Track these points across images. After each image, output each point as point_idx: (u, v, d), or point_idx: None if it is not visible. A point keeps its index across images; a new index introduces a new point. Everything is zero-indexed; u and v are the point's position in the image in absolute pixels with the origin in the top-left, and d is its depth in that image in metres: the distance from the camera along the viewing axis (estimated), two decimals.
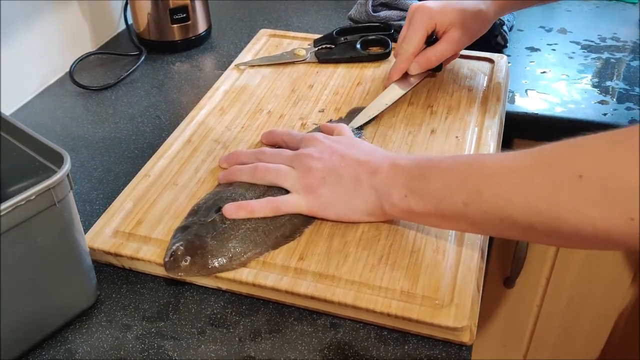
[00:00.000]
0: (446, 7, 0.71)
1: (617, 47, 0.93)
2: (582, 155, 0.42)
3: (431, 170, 0.51)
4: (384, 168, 0.54)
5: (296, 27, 1.02)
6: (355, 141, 0.60)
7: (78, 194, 0.68)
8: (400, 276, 0.52)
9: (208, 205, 0.57)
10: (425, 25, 0.71)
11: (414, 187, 0.51)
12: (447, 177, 0.50)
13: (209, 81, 0.87)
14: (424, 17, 0.71)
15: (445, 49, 0.72)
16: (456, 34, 0.71)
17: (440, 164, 0.51)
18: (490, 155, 0.51)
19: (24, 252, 0.46)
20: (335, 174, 0.56)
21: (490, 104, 0.73)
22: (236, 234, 0.54)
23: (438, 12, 0.70)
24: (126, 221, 0.59)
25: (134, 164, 0.72)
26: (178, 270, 0.52)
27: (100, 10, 0.97)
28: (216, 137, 0.70)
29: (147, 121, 0.80)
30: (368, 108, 0.70)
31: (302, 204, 0.57)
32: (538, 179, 0.44)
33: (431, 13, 0.70)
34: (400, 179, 0.52)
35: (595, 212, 0.41)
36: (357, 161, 0.56)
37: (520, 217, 0.45)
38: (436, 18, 0.71)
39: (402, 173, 0.53)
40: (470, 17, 0.71)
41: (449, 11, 0.71)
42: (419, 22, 0.71)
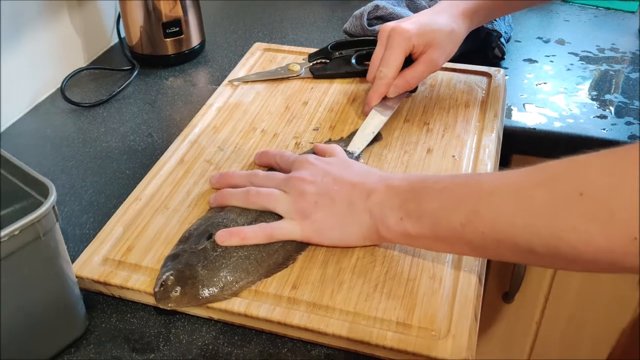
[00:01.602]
0: (422, 28, 0.70)
1: (616, 59, 0.92)
2: (583, 172, 0.41)
3: (426, 191, 0.50)
4: (379, 190, 0.53)
5: (291, 39, 1.01)
6: (348, 162, 0.59)
7: (68, 217, 0.66)
8: (396, 306, 0.51)
9: (199, 231, 0.56)
10: (403, 48, 0.70)
11: (410, 209, 0.50)
12: (443, 197, 0.49)
13: (202, 97, 0.85)
14: (402, 39, 0.69)
15: (424, 71, 0.72)
16: (434, 55, 0.71)
17: (435, 184, 0.50)
18: (487, 175, 0.50)
19: (9, 285, 0.44)
20: (328, 198, 0.55)
21: (487, 121, 0.72)
22: (228, 263, 0.53)
23: (415, 34, 0.69)
24: (116, 248, 0.57)
25: (125, 185, 0.70)
26: (168, 301, 0.51)
27: (92, 24, 0.96)
28: (209, 157, 0.68)
29: (139, 139, 0.78)
30: (354, 142, 0.68)
31: (296, 229, 0.55)
32: (537, 198, 0.43)
33: (409, 35, 0.69)
34: (395, 201, 0.51)
35: (596, 231, 0.39)
36: (351, 184, 0.55)
37: (520, 237, 0.44)
38: (414, 40, 0.69)
39: (397, 195, 0.52)
40: (445, 38, 0.71)
41: (425, 32, 0.70)
42: (397, 45, 0.70)
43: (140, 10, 0.90)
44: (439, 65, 0.72)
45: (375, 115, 0.71)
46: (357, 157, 0.66)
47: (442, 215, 0.48)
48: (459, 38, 0.73)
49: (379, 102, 0.72)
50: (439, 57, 0.71)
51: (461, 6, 0.73)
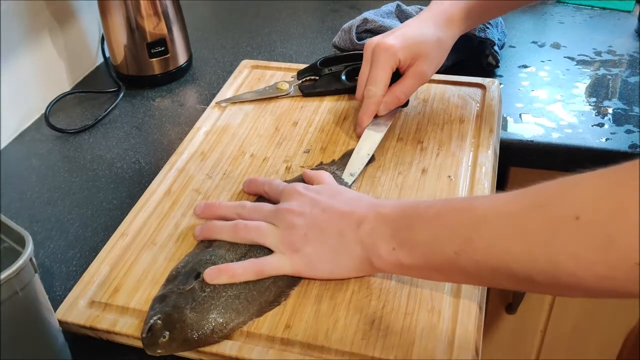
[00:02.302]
0: (407, 41, 0.68)
1: (614, 62, 0.89)
2: (579, 195, 0.39)
3: (418, 218, 0.48)
4: (369, 219, 0.51)
5: (280, 52, 0.98)
6: (337, 190, 0.57)
7: (54, 254, 0.64)
8: (394, 344, 0.49)
9: (186, 270, 0.54)
10: (390, 64, 0.68)
11: (402, 238, 0.48)
12: (435, 225, 0.47)
13: (190, 118, 0.83)
14: (388, 55, 0.67)
15: (412, 84, 0.70)
16: (422, 67, 0.69)
17: (427, 211, 0.48)
18: (481, 199, 0.47)
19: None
20: (317, 230, 0.53)
21: (483, 137, 0.69)
22: (217, 304, 0.51)
23: (400, 48, 0.67)
24: (102, 289, 0.55)
25: (112, 216, 0.68)
26: (157, 347, 0.49)
27: (75, 46, 0.94)
28: (197, 186, 0.66)
29: (126, 167, 0.76)
30: (349, 165, 0.66)
31: (286, 264, 0.53)
32: (532, 223, 0.40)
33: (394, 50, 0.67)
34: (387, 230, 0.49)
35: (595, 258, 0.37)
36: (340, 213, 0.53)
37: (516, 265, 0.41)
38: (399, 54, 0.67)
39: (388, 223, 0.49)
40: (432, 48, 0.69)
41: (411, 45, 0.68)
42: (383, 61, 0.67)
43: (124, 30, 0.87)
44: (428, 77, 0.70)
45: (368, 136, 0.69)
46: (350, 184, 0.64)
47: (435, 245, 0.46)
48: (447, 47, 0.71)
49: (370, 121, 0.70)
50: (427, 69, 0.69)
51: (447, 13, 0.70)
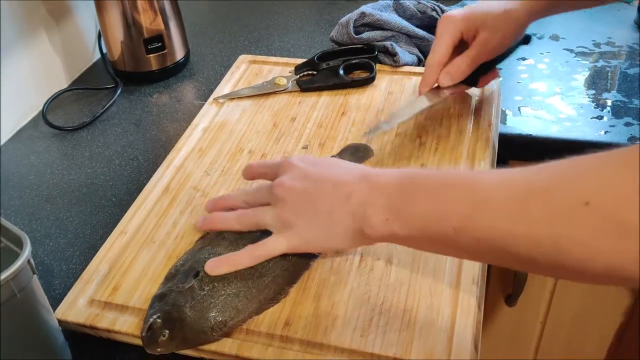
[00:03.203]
0: (471, 11, 0.68)
1: (613, 54, 0.89)
2: (588, 179, 0.37)
3: (416, 190, 0.46)
4: (361, 189, 0.48)
5: (278, 46, 0.98)
6: (333, 161, 0.55)
7: (53, 252, 0.65)
8: (393, 341, 0.49)
9: (185, 269, 0.54)
10: (450, 34, 0.67)
11: (397, 209, 0.46)
12: (435, 199, 0.45)
13: (188, 113, 0.83)
14: (448, 25, 0.67)
15: (475, 54, 0.68)
16: (484, 37, 0.67)
17: (427, 182, 0.46)
18: (483, 175, 0.46)
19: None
20: (309, 203, 0.51)
21: (481, 132, 0.69)
22: (216, 302, 0.51)
23: (462, 19, 0.67)
24: (102, 288, 0.55)
25: (111, 214, 0.68)
26: (157, 346, 0.49)
27: (72, 42, 0.93)
28: (195, 183, 0.66)
29: (124, 163, 0.76)
30: (394, 115, 0.69)
31: (282, 242, 0.52)
32: (537, 207, 0.39)
33: (454, 20, 0.67)
34: (380, 200, 0.47)
35: (606, 246, 0.36)
36: (331, 184, 0.50)
37: (518, 247, 0.40)
38: (460, 25, 0.67)
39: (382, 194, 0.47)
40: (497, 18, 0.67)
41: (473, 15, 0.67)
42: (444, 31, 0.68)
43: (120, 26, 0.87)
44: (493, 49, 0.68)
45: (422, 100, 0.70)
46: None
47: (432, 219, 0.44)
48: (516, 19, 0.68)
49: (428, 90, 0.70)
50: (490, 38, 0.67)
51: None
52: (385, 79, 0.80)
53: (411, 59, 0.82)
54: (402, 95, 0.77)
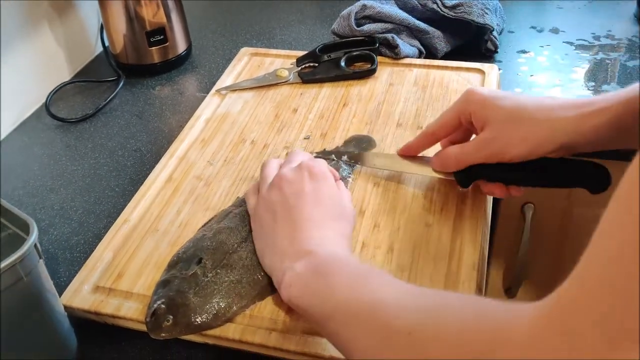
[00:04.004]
0: (492, 98, 0.55)
1: (612, 46, 0.89)
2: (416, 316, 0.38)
3: (319, 277, 0.46)
4: (299, 253, 0.49)
5: (279, 39, 0.99)
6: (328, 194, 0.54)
7: (58, 240, 0.65)
8: None
9: (188, 256, 0.54)
10: (459, 110, 0.57)
11: (300, 283, 0.47)
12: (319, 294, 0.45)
13: (190, 106, 0.84)
14: (462, 99, 0.57)
15: (470, 152, 0.56)
16: (484, 136, 0.54)
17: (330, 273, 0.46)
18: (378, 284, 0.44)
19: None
20: (271, 219, 0.53)
21: None
22: (220, 288, 0.51)
23: (477, 102, 0.55)
24: (106, 275, 0.56)
25: (115, 204, 0.69)
26: (161, 331, 0.50)
27: (74, 35, 0.94)
28: (198, 173, 0.67)
29: (127, 154, 0.77)
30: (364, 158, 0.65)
31: None
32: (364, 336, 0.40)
33: (469, 99, 0.56)
34: (302, 266, 0.48)
35: None
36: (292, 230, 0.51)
37: None
38: (473, 107, 0.55)
39: (311, 261, 0.48)
40: (506, 120, 0.53)
41: (489, 104, 0.54)
42: (456, 104, 0.58)
43: (123, 19, 0.87)
44: (491, 152, 0.54)
45: (400, 163, 0.63)
46: (346, 167, 0.65)
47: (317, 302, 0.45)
48: (532, 127, 0.52)
49: (406, 154, 0.62)
50: (491, 140, 0.54)
51: (583, 101, 0.52)
52: (387, 71, 0.80)
53: (412, 51, 0.83)
54: (403, 87, 0.77)
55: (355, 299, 0.42)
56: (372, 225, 0.59)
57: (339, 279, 0.45)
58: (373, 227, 0.58)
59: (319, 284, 0.46)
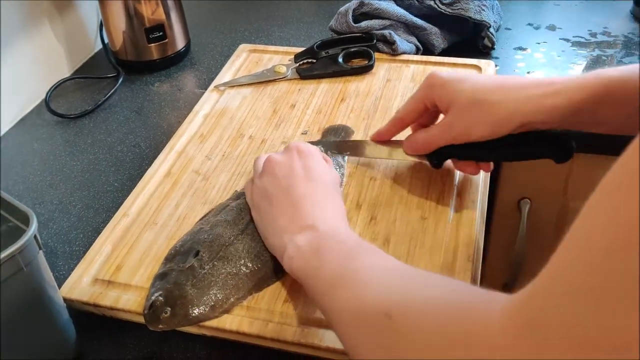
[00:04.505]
0: (453, 81, 0.56)
1: (608, 43, 0.90)
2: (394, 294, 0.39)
3: (318, 251, 0.48)
4: (300, 228, 0.50)
5: (277, 37, 0.99)
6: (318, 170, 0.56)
7: (57, 234, 0.66)
8: None
9: (185, 249, 0.55)
10: (422, 96, 0.58)
11: (305, 253, 0.48)
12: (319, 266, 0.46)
13: (189, 102, 0.84)
14: (425, 85, 0.58)
15: (435, 134, 0.58)
16: (448, 120, 0.56)
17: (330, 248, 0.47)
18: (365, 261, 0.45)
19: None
20: (268, 203, 0.54)
21: None
22: (217, 280, 0.52)
23: (440, 86, 0.56)
24: (105, 267, 0.57)
25: (114, 198, 0.69)
26: (159, 322, 0.50)
27: (74, 32, 0.95)
28: (196, 167, 0.67)
29: (126, 150, 0.77)
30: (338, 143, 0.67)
31: None
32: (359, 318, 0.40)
33: (433, 82, 0.57)
34: (303, 240, 0.49)
35: None
36: (291, 207, 0.52)
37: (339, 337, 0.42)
38: (436, 92, 0.57)
39: (311, 236, 0.49)
40: (468, 103, 0.54)
41: (451, 87, 0.56)
42: (420, 89, 0.59)
43: (122, 16, 0.88)
44: (456, 134, 0.56)
45: (379, 149, 0.64)
46: (340, 157, 0.65)
47: (312, 278, 0.46)
48: (490, 109, 0.53)
49: (378, 140, 0.64)
50: (454, 123, 0.55)
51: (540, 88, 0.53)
52: (384, 67, 0.81)
53: (409, 48, 0.83)
54: (400, 83, 0.78)
55: (341, 276, 0.43)
56: (368, 218, 0.59)
57: (330, 257, 0.46)
58: (369, 220, 0.59)
59: (315, 260, 0.47)
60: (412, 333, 0.35)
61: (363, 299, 0.40)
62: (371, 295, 0.40)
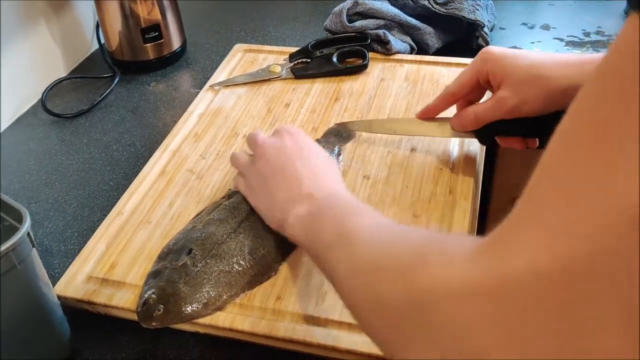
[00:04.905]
0: (507, 57, 0.57)
1: (602, 43, 0.90)
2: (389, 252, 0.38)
3: (320, 213, 0.49)
4: (300, 196, 0.52)
5: (273, 36, 0.99)
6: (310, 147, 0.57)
7: (52, 233, 0.66)
8: None
9: (178, 247, 0.55)
10: (475, 67, 0.59)
11: (305, 220, 0.50)
12: (321, 226, 0.47)
13: (184, 101, 0.84)
14: (479, 59, 0.59)
15: (488, 109, 0.58)
16: (502, 94, 0.57)
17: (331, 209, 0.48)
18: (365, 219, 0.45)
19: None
20: (264, 179, 0.55)
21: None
22: (209, 278, 0.52)
23: (494, 60, 0.58)
24: (99, 265, 0.57)
25: (109, 197, 0.70)
26: (152, 320, 0.51)
27: (70, 32, 0.95)
28: (191, 166, 0.68)
29: (122, 149, 0.78)
30: (373, 123, 0.69)
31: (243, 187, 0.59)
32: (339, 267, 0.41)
33: (486, 58, 0.58)
34: (303, 208, 0.50)
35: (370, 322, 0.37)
36: (286, 179, 0.54)
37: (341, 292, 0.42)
38: (490, 65, 0.58)
39: (309, 204, 0.50)
40: (522, 79, 0.56)
41: (504, 63, 0.57)
42: (472, 64, 0.60)
43: (118, 16, 0.88)
44: (509, 108, 0.57)
45: (419, 127, 0.65)
46: (338, 153, 0.66)
47: (313, 238, 0.47)
48: (545, 87, 0.55)
49: (426, 116, 0.65)
50: (508, 98, 0.56)
51: (583, 55, 0.57)
52: (378, 66, 0.81)
53: (403, 47, 0.84)
54: (394, 82, 0.78)
55: (338, 236, 0.43)
56: None
57: (329, 220, 0.47)
58: None
59: (315, 225, 0.48)
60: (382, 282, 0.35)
61: (355, 255, 0.40)
62: (361, 250, 0.40)
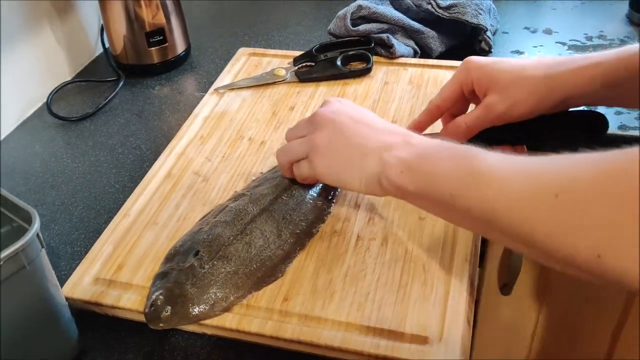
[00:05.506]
0: (490, 64, 0.59)
1: (604, 47, 0.91)
2: (564, 173, 0.39)
3: (432, 154, 0.48)
4: (396, 140, 0.51)
5: (277, 40, 1.00)
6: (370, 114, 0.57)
7: (59, 235, 0.66)
8: (388, 314, 0.51)
9: (185, 249, 0.56)
10: (460, 80, 0.60)
11: (412, 166, 0.48)
12: (443, 163, 0.47)
13: (189, 105, 0.85)
14: (462, 70, 0.60)
15: (478, 117, 0.59)
16: (489, 100, 0.58)
17: (443, 149, 0.48)
18: (489, 154, 0.46)
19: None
20: (343, 136, 0.53)
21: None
22: (216, 279, 0.53)
23: (477, 68, 0.59)
24: (106, 267, 0.57)
25: (115, 199, 0.70)
26: (159, 321, 0.51)
27: (75, 36, 0.95)
28: (197, 169, 0.68)
29: (127, 152, 0.78)
30: None
31: (307, 167, 0.57)
32: (518, 190, 0.41)
33: (469, 67, 0.60)
34: (404, 154, 0.49)
35: (563, 239, 0.37)
36: (371, 128, 0.53)
37: (500, 224, 0.42)
38: (474, 75, 0.59)
39: (409, 152, 0.49)
40: (509, 82, 0.57)
41: (488, 69, 0.58)
42: (455, 75, 0.61)
43: (123, 20, 0.89)
44: (499, 114, 0.58)
45: None
46: None
47: (436, 180, 0.47)
48: (533, 85, 0.56)
49: (417, 130, 0.63)
50: (496, 103, 0.58)
51: (565, 58, 0.58)
52: (382, 70, 0.82)
53: (407, 51, 0.84)
54: (398, 86, 0.79)
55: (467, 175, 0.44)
56: (366, 218, 0.60)
57: (444, 162, 0.46)
58: (368, 220, 0.60)
59: (428, 167, 0.47)
60: None
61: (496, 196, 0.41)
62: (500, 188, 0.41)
